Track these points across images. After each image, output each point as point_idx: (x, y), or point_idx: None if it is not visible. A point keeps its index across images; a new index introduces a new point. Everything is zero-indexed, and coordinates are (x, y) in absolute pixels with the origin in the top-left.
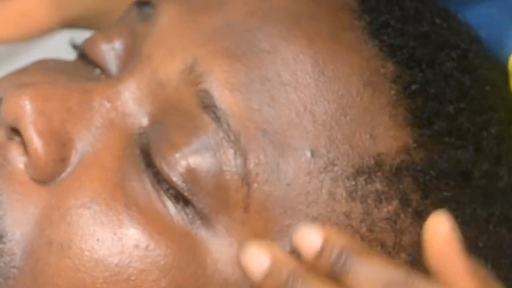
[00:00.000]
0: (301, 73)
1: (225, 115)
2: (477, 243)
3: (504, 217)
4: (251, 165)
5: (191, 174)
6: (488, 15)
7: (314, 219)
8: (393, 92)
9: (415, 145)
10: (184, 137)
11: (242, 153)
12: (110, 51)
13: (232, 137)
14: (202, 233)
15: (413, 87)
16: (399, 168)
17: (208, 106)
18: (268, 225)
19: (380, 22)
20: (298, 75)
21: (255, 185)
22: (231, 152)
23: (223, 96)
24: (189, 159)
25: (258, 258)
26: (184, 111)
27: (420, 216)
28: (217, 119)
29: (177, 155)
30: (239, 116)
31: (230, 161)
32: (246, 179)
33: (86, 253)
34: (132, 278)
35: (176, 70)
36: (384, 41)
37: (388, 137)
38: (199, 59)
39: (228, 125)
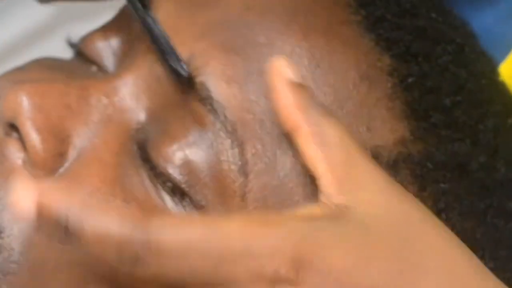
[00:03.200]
0: (297, 66)
1: (222, 107)
2: (474, 235)
3: (501, 209)
4: (248, 155)
5: (188, 165)
6: (484, 24)
7: None
8: (389, 85)
9: (412, 137)
10: (182, 129)
11: (239, 144)
12: (106, 48)
13: (229, 128)
14: None
15: (410, 80)
16: (396, 160)
17: (205, 98)
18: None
19: (376, 16)
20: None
21: (252, 174)
22: (228, 142)
23: (220, 88)
24: (186, 151)
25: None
26: (182, 104)
27: None
28: (214, 111)
29: (174, 148)
30: (236, 107)
31: (227, 151)
32: (243, 168)
33: None
34: None
35: None
36: (381, 35)
37: (385, 129)
38: (196, 53)
39: (225, 116)
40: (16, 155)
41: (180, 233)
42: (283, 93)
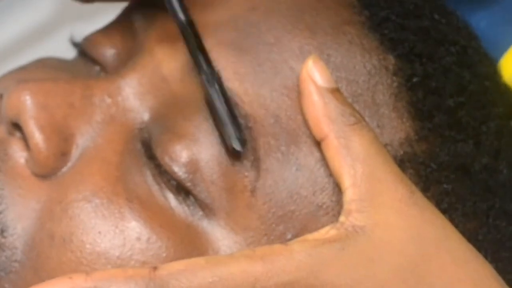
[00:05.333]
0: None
1: (234, 103)
2: (476, 236)
3: (503, 210)
4: (261, 150)
5: (194, 164)
6: (480, 25)
7: (319, 207)
8: (395, 84)
9: (416, 137)
10: (190, 127)
11: (253, 138)
12: (109, 48)
13: (243, 124)
14: (204, 224)
15: (414, 80)
16: (402, 160)
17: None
18: (272, 208)
19: (380, 17)
20: None
21: (264, 167)
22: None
23: (231, 85)
24: (194, 149)
25: None
26: (190, 102)
27: None
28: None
29: (180, 146)
30: (249, 103)
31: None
32: (255, 163)
33: (88, 246)
34: None
35: (179, 63)
36: (385, 35)
37: (392, 128)
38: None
39: (238, 112)
40: (19, 153)
41: (191, 279)
42: (313, 101)
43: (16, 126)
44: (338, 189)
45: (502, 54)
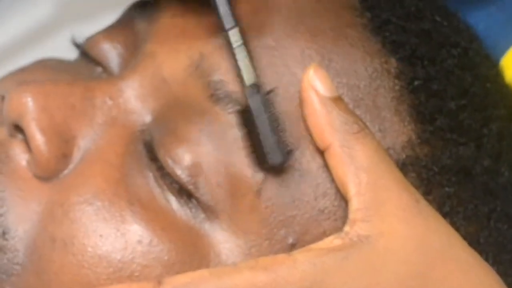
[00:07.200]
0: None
1: (239, 105)
2: (478, 239)
3: (505, 213)
4: None
5: (197, 167)
6: (479, 27)
7: (320, 212)
8: (397, 88)
9: (419, 140)
10: (193, 130)
11: None
12: (111, 50)
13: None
14: (205, 227)
15: (416, 83)
16: (404, 163)
17: (222, 98)
18: (274, 213)
19: (382, 19)
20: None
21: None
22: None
23: (235, 87)
24: (197, 152)
25: None
26: (193, 105)
27: None
28: (232, 110)
29: (183, 149)
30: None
31: (246, 148)
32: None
33: (89, 249)
34: (136, 274)
35: (181, 65)
36: (387, 37)
37: (394, 132)
38: (206, 54)
39: None
40: (20, 156)
41: None
42: (315, 110)
43: (18, 128)
44: (340, 194)
45: (501, 55)
